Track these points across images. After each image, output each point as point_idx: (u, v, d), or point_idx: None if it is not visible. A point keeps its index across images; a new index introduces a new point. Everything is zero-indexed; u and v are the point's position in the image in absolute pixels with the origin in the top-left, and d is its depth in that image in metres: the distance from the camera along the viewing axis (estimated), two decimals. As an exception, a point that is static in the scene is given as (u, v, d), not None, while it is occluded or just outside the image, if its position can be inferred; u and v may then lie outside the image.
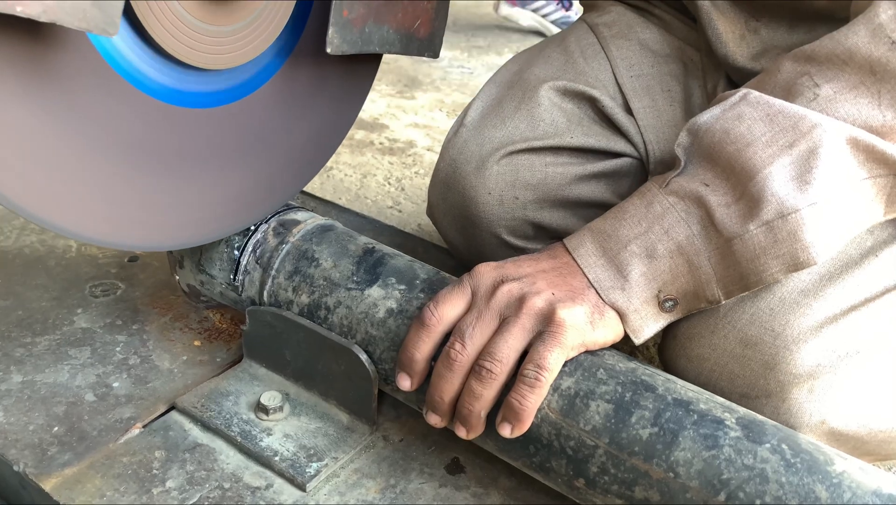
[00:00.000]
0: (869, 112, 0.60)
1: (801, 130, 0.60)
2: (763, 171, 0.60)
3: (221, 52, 0.71)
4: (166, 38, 0.66)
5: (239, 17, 0.70)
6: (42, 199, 0.64)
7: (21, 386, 0.77)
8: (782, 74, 0.65)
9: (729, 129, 0.62)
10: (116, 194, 0.69)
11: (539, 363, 0.59)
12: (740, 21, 0.79)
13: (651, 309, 0.64)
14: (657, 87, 0.88)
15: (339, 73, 0.83)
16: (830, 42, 0.63)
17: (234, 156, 0.76)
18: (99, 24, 0.56)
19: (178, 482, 0.68)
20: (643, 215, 0.64)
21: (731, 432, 0.57)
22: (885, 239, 0.70)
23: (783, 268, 0.61)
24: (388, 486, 0.69)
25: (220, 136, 0.75)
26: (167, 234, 0.74)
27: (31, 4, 0.52)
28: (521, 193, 0.86)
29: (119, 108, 0.67)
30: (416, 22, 0.80)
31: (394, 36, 0.79)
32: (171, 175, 0.71)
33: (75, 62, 0.63)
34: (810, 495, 0.53)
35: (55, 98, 0.63)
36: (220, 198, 0.76)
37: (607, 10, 0.94)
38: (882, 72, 0.60)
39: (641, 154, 0.89)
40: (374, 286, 0.71)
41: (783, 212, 0.59)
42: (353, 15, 0.74)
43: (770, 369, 0.67)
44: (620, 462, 0.58)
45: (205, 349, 0.85)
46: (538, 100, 0.87)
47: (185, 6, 0.66)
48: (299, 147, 0.82)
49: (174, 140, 0.71)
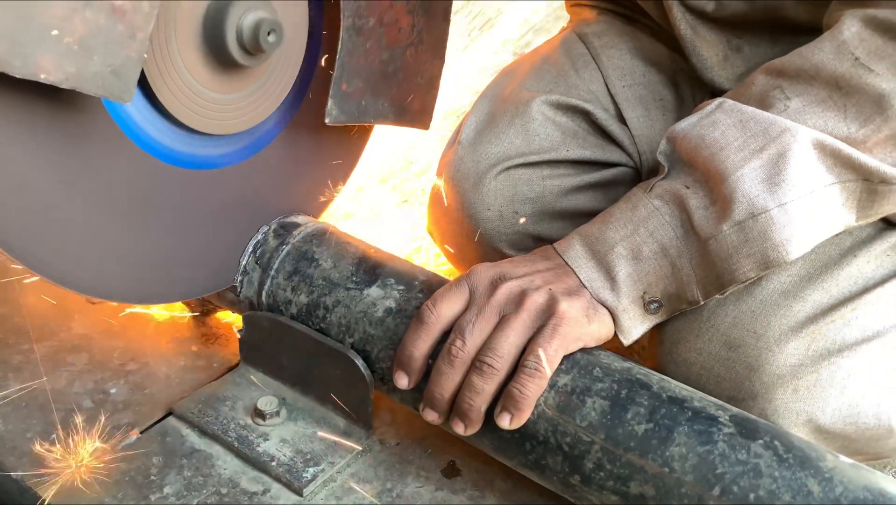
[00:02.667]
0: (835, 125, 0.62)
1: (771, 135, 0.61)
2: (735, 173, 0.61)
3: (226, 119, 0.74)
4: (175, 105, 0.70)
5: (244, 86, 0.74)
6: (47, 255, 0.66)
7: (19, 394, 0.76)
8: (756, 87, 0.66)
9: (704, 135, 0.63)
10: (121, 252, 0.71)
11: (539, 354, 0.59)
12: (722, 42, 0.81)
13: (638, 310, 0.65)
14: (650, 97, 0.89)
15: (335, 140, 0.86)
16: (799, 58, 0.64)
17: (236, 214, 0.78)
18: (116, 91, 0.59)
19: (176, 488, 0.67)
20: (629, 218, 0.64)
21: (725, 429, 0.57)
22: (864, 239, 0.71)
23: (755, 266, 0.62)
24: (385, 490, 0.69)
25: (223, 196, 0.78)
26: (169, 288, 0.76)
27: (54, 71, 0.55)
28: (520, 208, 0.86)
29: (126, 168, 0.70)
30: (410, 97, 0.84)
31: (388, 109, 0.83)
32: (174, 233, 0.75)
33: (87, 123, 0.66)
34: (803, 489, 0.53)
35: (68, 156, 0.65)
36: (221, 252, 0.78)
37: (596, 19, 0.95)
38: (847, 87, 0.62)
39: (636, 163, 0.89)
40: (373, 286, 0.71)
41: (753, 212, 0.60)
42: (351, 88, 0.78)
43: (754, 371, 0.67)
44: (616, 458, 0.58)
45: (202, 355, 0.84)
46: (531, 114, 0.87)
47: (195, 75, 0.70)
48: (295, 205, 0.85)
49: (178, 199, 0.74)
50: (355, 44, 0.76)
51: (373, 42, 0.78)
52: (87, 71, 0.57)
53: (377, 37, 0.78)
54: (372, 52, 0.78)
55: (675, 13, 0.80)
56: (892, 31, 0.61)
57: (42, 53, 0.55)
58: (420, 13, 0.81)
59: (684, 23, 0.80)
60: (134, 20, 0.58)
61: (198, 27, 0.68)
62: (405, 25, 0.80)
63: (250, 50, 0.70)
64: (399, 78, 0.82)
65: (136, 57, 0.59)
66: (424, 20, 0.82)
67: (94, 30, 0.57)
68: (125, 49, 0.59)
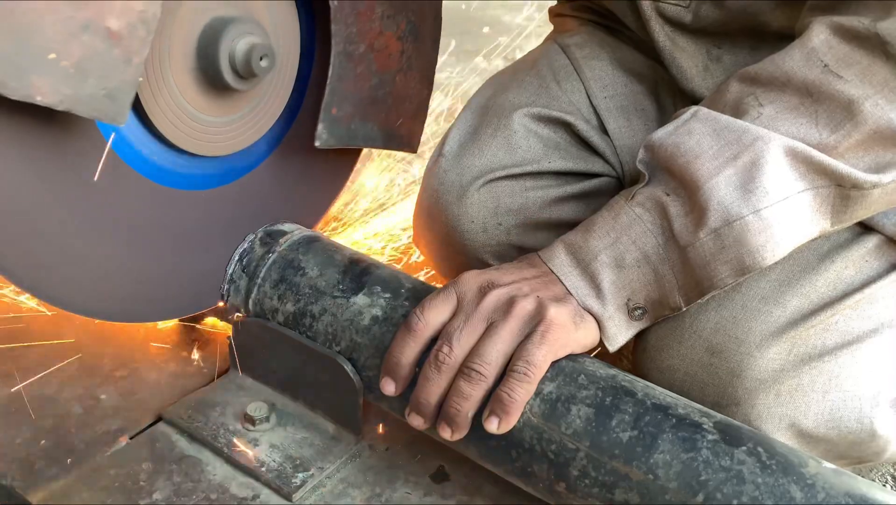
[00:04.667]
0: (807, 131, 0.62)
1: (744, 143, 0.61)
2: (710, 181, 0.61)
3: (217, 141, 0.75)
4: (167, 127, 0.71)
5: (235, 109, 0.76)
6: (37, 273, 0.67)
7: (8, 399, 0.76)
8: (730, 94, 0.67)
9: (679, 143, 0.64)
10: (113, 271, 0.72)
11: (528, 359, 0.59)
12: (701, 52, 0.81)
13: (623, 316, 0.65)
14: (631, 107, 0.89)
15: (323, 162, 0.88)
16: (771, 65, 0.65)
17: (227, 233, 0.79)
18: (110, 114, 0.60)
19: (166, 494, 0.66)
20: (611, 227, 0.64)
21: (709, 435, 0.57)
22: (842, 243, 0.71)
23: (732, 272, 0.62)
24: (374, 494, 0.68)
25: (214, 216, 0.79)
26: (160, 306, 0.77)
27: (50, 94, 0.56)
28: (503, 219, 0.86)
29: (119, 188, 0.71)
30: (399, 121, 0.86)
31: (377, 133, 0.84)
32: (166, 251, 0.75)
33: (80, 144, 0.67)
34: (785, 496, 0.53)
35: (61, 176, 0.66)
36: (213, 271, 0.78)
37: (577, 30, 0.94)
38: (817, 94, 0.62)
39: (618, 173, 0.89)
40: (360, 294, 0.71)
41: (728, 219, 0.60)
42: (341, 113, 0.80)
43: (736, 377, 0.67)
44: (601, 465, 0.58)
45: (192, 360, 0.83)
46: (513, 127, 0.87)
47: (188, 98, 0.71)
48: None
49: (169, 219, 0.75)
50: (346, 69, 0.78)
51: (363, 67, 0.79)
52: (83, 94, 0.58)
53: (367, 62, 0.80)
54: (362, 78, 0.80)
55: (654, 25, 0.80)
56: (858, 39, 0.62)
57: (38, 76, 0.56)
58: (409, 40, 0.82)
59: (663, 34, 0.80)
60: (130, 45, 0.59)
61: (192, 52, 0.69)
62: (395, 51, 0.82)
63: (243, 74, 0.70)
64: (388, 103, 0.84)
65: (132, 81, 0.60)
66: (413, 47, 0.84)
67: (90, 53, 0.57)
68: (121, 73, 0.59)
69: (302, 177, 0.87)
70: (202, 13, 0.70)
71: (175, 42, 0.68)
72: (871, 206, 0.64)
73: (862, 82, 0.61)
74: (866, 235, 0.72)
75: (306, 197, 0.87)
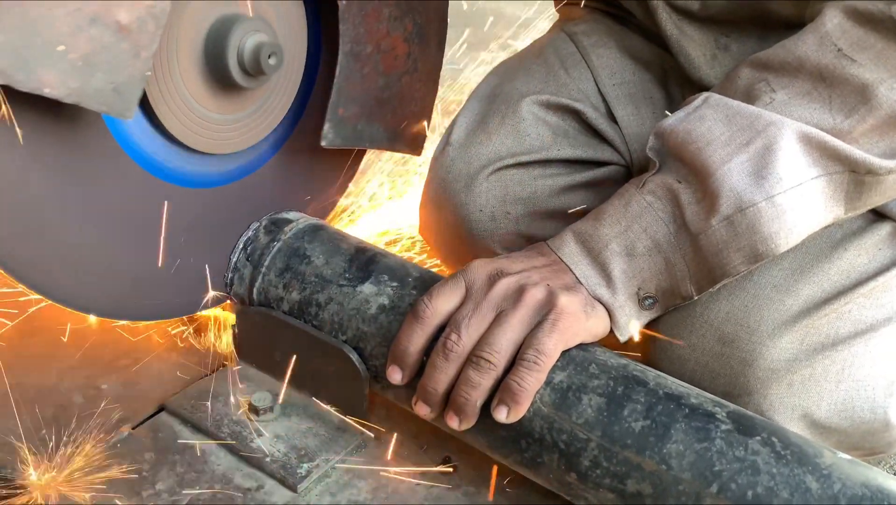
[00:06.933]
0: (821, 116, 0.61)
1: (757, 129, 0.60)
2: (722, 168, 0.59)
3: (223, 139, 0.75)
4: (174, 123, 0.71)
5: (242, 107, 0.75)
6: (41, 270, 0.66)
7: (9, 388, 0.74)
8: (742, 80, 0.65)
9: (691, 129, 0.62)
10: (117, 268, 0.72)
11: (539, 348, 0.58)
12: (710, 41, 0.79)
13: (633, 306, 0.63)
14: (640, 95, 0.87)
15: (328, 161, 0.87)
16: (782, 50, 0.63)
17: (232, 231, 0.78)
18: (118, 108, 0.60)
19: (169, 484, 0.65)
20: (622, 215, 0.63)
21: (723, 425, 0.55)
22: (854, 231, 0.70)
23: (745, 260, 0.60)
24: (380, 485, 0.67)
25: (218, 213, 0.78)
26: (164, 304, 0.77)
27: (58, 86, 0.56)
28: (512, 208, 0.85)
29: (124, 185, 0.70)
30: (404, 123, 0.85)
31: (383, 134, 0.84)
32: (170, 249, 0.74)
33: (87, 139, 0.66)
34: (801, 486, 0.52)
35: (67, 172, 0.65)
36: (217, 269, 0.78)
37: (585, 18, 0.93)
38: (831, 78, 0.61)
39: (627, 161, 0.88)
40: (367, 283, 0.69)
41: (741, 206, 0.59)
42: (347, 113, 0.79)
43: (748, 366, 0.66)
44: (613, 455, 0.56)
45: (195, 350, 0.82)
46: (522, 115, 0.85)
47: (195, 95, 0.71)
48: None
49: (175, 216, 0.74)
50: (353, 69, 0.78)
51: (370, 68, 0.79)
52: (90, 87, 0.57)
53: (374, 63, 0.80)
54: (369, 79, 0.80)
55: (661, 14, 0.79)
56: (872, 22, 0.60)
57: (46, 68, 0.55)
58: (416, 42, 0.82)
59: (670, 23, 0.79)
60: (139, 39, 0.59)
61: (199, 48, 0.69)
62: (401, 53, 0.82)
63: (251, 72, 0.71)
64: (394, 104, 0.83)
65: (140, 75, 0.60)
66: (420, 49, 0.84)
67: (98, 47, 0.57)
68: (129, 67, 0.59)
69: (307, 176, 0.87)
70: (210, 10, 0.70)
71: (183, 38, 0.68)
72: (885, 192, 0.62)
73: (876, 66, 0.60)
74: (879, 223, 0.70)
75: (310, 196, 0.87)
